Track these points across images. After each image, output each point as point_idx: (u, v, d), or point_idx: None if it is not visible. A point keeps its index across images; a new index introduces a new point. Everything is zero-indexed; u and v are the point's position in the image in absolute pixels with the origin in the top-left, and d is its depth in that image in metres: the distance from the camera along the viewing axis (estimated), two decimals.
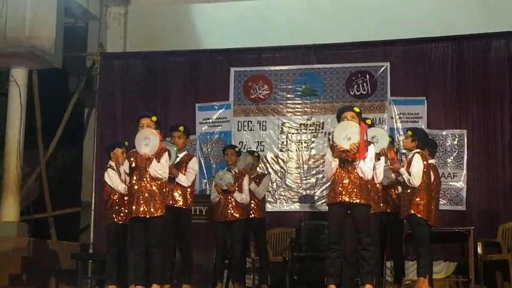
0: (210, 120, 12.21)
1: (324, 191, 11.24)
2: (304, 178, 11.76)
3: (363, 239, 7.91)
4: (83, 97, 13.44)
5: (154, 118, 8.51)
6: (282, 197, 11.77)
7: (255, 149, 11.44)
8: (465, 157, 11.32)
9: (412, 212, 8.72)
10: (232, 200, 9.83)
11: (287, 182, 11.80)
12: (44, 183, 12.80)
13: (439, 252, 10.98)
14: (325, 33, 12.23)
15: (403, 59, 11.76)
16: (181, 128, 9.29)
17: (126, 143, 9.05)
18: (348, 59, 11.96)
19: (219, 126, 12.16)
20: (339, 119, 8.08)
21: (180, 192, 9.08)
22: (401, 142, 10.80)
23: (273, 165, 11.87)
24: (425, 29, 11.82)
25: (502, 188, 11.12)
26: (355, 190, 7.86)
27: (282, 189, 11.79)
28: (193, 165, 9.28)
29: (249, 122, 12.07)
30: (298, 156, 11.84)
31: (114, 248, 9.13)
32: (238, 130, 12.07)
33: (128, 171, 8.54)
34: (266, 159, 11.84)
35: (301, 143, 11.87)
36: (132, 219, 8.35)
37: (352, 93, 11.82)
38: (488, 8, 11.88)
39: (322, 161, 11.29)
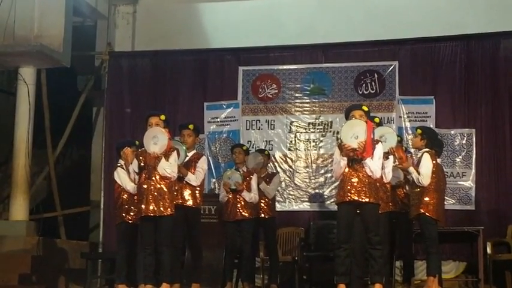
0: (219, 119, 12.21)
1: (333, 190, 11.23)
2: (313, 177, 11.75)
3: (372, 238, 7.87)
4: (91, 96, 13.44)
5: (163, 117, 8.48)
6: (290, 197, 11.77)
7: (264, 148, 11.41)
8: (474, 156, 11.29)
9: (422, 211, 8.70)
10: (241, 199, 9.80)
11: (296, 181, 11.79)
12: (52, 182, 12.82)
13: (448, 252, 10.96)
14: (333, 32, 12.24)
15: (412, 58, 11.74)
16: (191, 126, 9.25)
17: (137, 142, 9.01)
18: (356, 58, 11.95)
19: (228, 125, 12.17)
20: (347, 117, 8.04)
21: (189, 192, 9.05)
22: (409, 141, 10.80)
23: (281, 165, 11.86)
24: (433, 28, 11.82)
25: (511, 187, 11.08)
26: (364, 189, 7.83)
27: (290, 188, 11.79)
28: (203, 164, 9.25)
29: (258, 121, 12.06)
30: (306, 156, 11.84)
31: (124, 247, 9.13)
32: (246, 129, 12.07)
33: (137, 170, 8.52)
34: (274, 158, 11.82)
35: (310, 142, 11.86)
36: (142, 218, 8.34)
37: (360, 92, 11.81)
38: (496, 7, 11.89)
39: (330, 160, 11.25)
